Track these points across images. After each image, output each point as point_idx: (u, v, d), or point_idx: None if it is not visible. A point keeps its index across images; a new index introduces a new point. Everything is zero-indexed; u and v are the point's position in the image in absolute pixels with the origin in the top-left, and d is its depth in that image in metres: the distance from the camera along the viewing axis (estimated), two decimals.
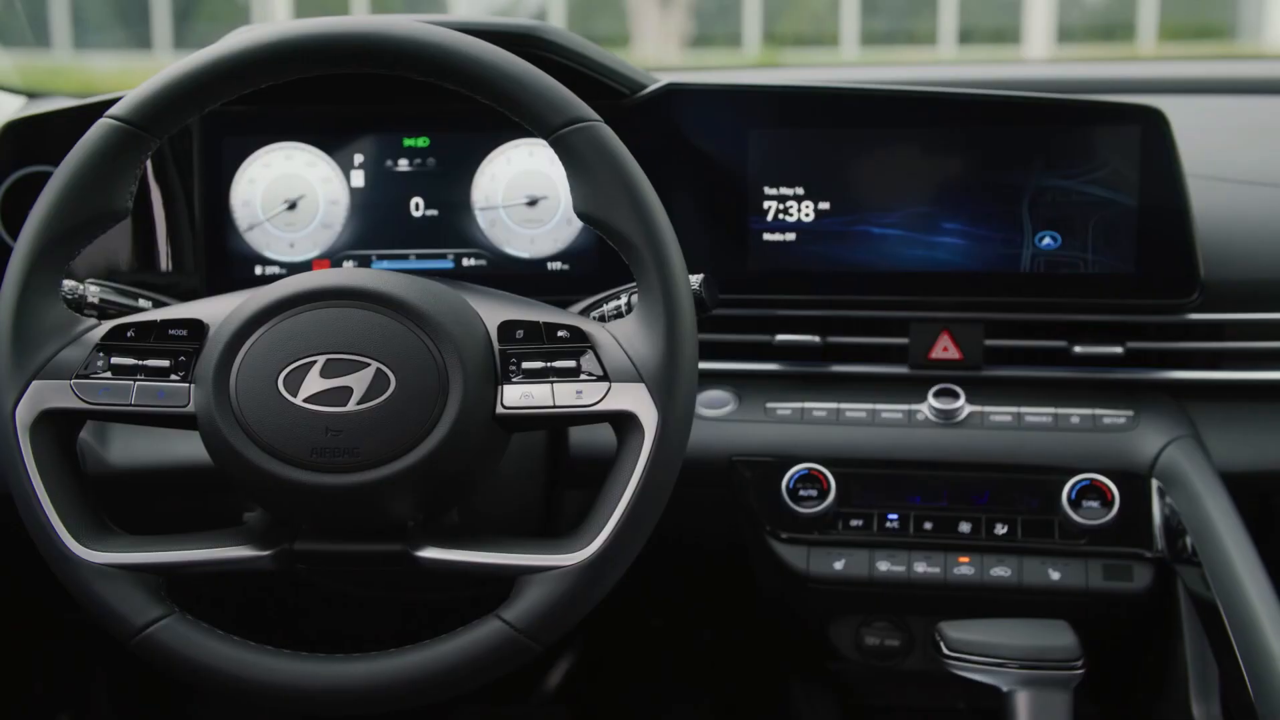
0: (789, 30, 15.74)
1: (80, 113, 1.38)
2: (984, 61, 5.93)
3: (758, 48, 14.95)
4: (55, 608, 1.68)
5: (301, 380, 0.94)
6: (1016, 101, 1.32)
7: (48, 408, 0.97)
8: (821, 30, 15.62)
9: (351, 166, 1.39)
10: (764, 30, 15.27)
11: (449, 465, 0.95)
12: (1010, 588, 1.28)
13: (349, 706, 0.96)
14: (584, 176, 0.97)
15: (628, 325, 0.98)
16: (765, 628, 1.67)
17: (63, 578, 0.97)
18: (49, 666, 1.75)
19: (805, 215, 1.36)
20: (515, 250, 1.40)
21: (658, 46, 14.55)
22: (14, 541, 1.46)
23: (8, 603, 1.66)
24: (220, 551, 1.00)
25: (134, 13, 14.53)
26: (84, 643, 1.75)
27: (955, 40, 14.65)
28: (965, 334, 1.36)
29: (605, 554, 0.95)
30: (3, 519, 1.38)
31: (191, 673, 0.96)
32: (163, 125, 0.98)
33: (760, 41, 15.09)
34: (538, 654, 0.97)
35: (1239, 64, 2.46)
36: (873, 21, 15.28)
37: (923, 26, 15.11)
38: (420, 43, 0.96)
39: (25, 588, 1.63)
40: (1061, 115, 1.31)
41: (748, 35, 15.18)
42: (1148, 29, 14.23)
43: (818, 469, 1.31)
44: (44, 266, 0.98)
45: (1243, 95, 1.69)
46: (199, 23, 15.39)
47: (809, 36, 15.67)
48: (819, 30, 15.71)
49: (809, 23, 16.11)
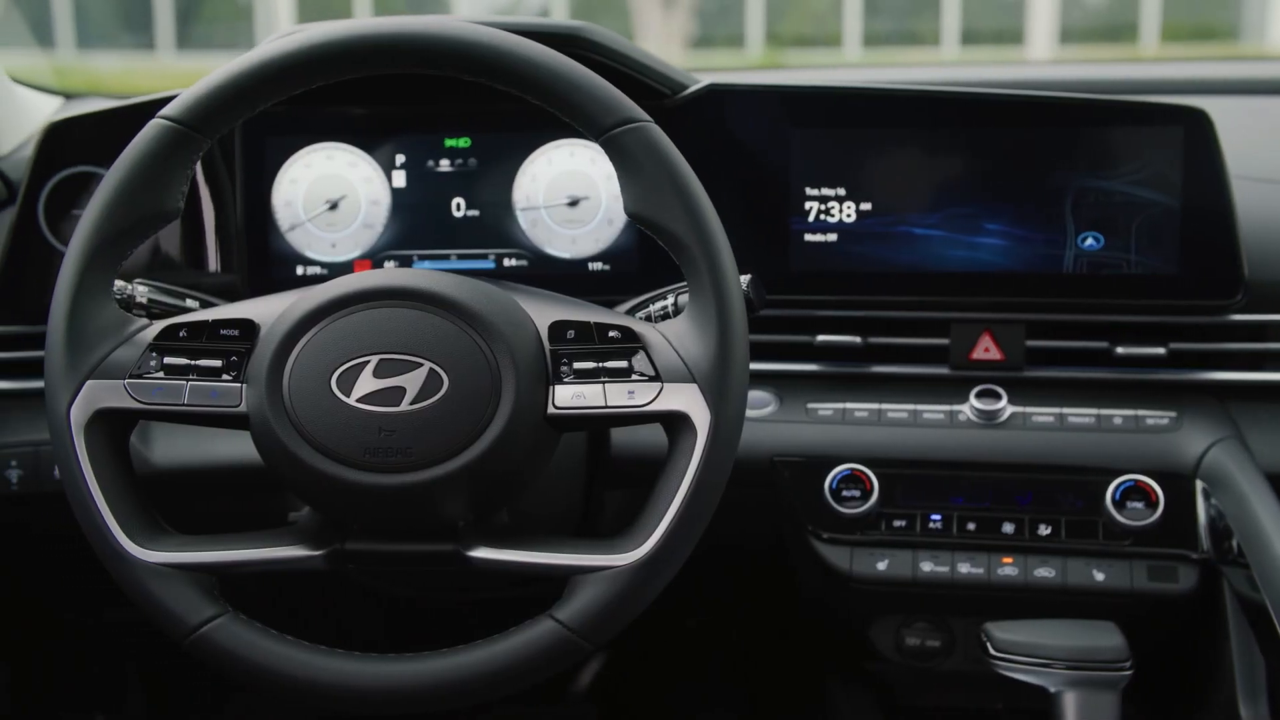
0: (791, 31, 15.74)
1: (121, 114, 1.38)
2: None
3: (760, 48, 14.94)
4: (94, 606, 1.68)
5: (354, 380, 0.94)
6: (1059, 103, 1.32)
7: (102, 407, 0.97)
8: (823, 31, 15.62)
9: (393, 166, 1.39)
10: (766, 31, 15.26)
11: (501, 465, 0.95)
12: (1054, 589, 1.28)
13: (402, 706, 0.96)
14: (635, 177, 0.97)
15: (679, 325, 0.98)
16: (802, 628, 1.67)
17: (117, 577, 0.97)
18: (84, 666, 1.75)
19: (847, 216, 1.36)
20: (556, 250, 1.40)
21: (660, 47, 14.56)
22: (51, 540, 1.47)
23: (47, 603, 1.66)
24: (273, 551, 1.00)
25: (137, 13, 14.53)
26: (118, 642, 1.75)
27: (958, 41, 14.65)
28: (1007, 335, 1.36)
29: (658, 554, 0.95)
30: (47, 517, 1.38)
31: (245, 672, 0.96)
32: (214, 126, 0.98)
33: (762, 42, 15.09)
34: (590, 654, 0.97)
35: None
36: (875, 22, 15.28)
37: (925, 27, 15.11)
38: (472, 43, 0.96)
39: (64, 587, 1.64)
40: (1105, 116, 1.31)
41: (750, 36, 15.18)
42: (1150, 30, 14.23)
43: (860, 469, 1.31)
44: (97, 267, 0.98)
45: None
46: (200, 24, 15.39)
47: (811, 37, 15.67)
48: (821, 31, 15.70)
49: (810, 23, 16.11)
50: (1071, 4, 15.13)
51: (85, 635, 1.73)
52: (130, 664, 1.78)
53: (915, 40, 15.26)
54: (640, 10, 15.23)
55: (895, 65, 4.04)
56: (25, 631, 1.65)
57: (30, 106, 1.59)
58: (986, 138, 1.33)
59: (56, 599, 1.66)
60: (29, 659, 1.60)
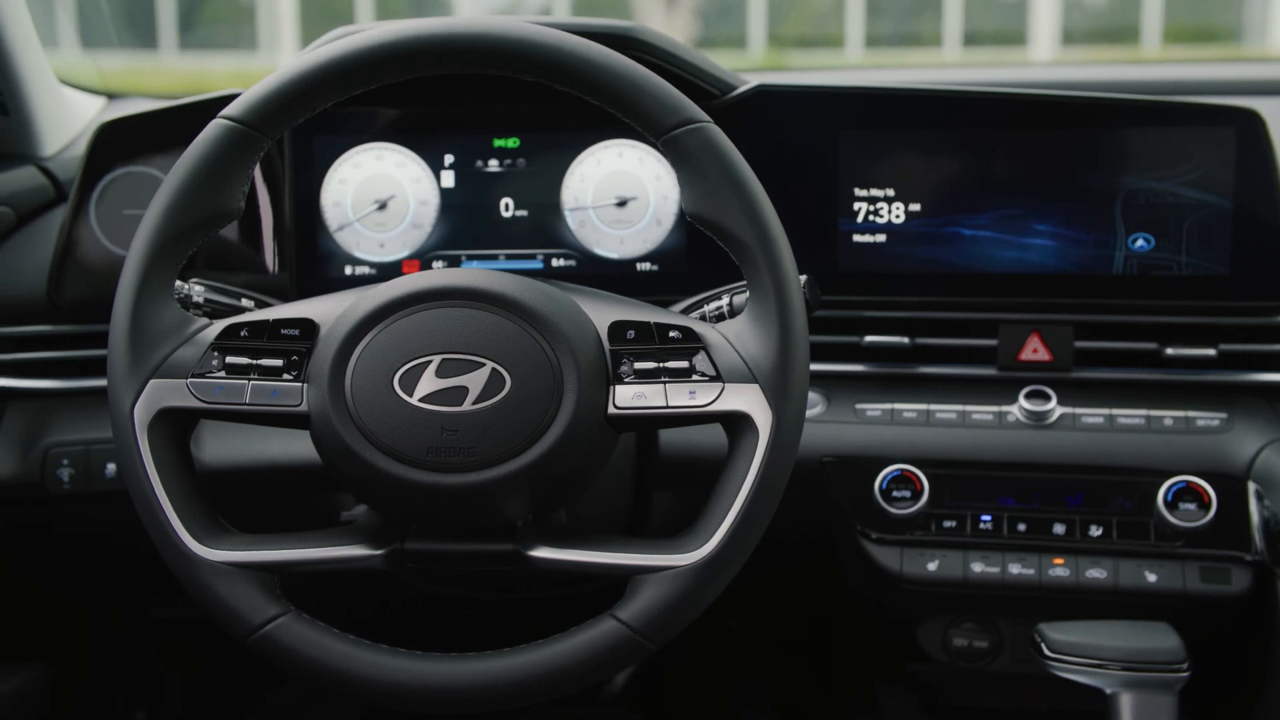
0: (792, 32, 15.74)
1: (171, 114, 1.38)
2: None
3: (761, 49, 14.95)
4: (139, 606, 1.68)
5: (417, 380, 0.94)
6: (1111, 103, 1.32)
7: (165, 406, 0.97)
8: (825, 32, 15.62)
9: (442, 167, 1.39)
10: (768, 32, 15.27)
11: (562, 465, 0.95)
12: (1106, 590, 1.28)
13: (464, 705, 0.96)
14: (695, 177, 0.97)
15: (739, 326, 0.98)
16: (846, 628, 1.67)
17: (180, 576, 0.97)
18: (125, 665, 1.75)
19: (896, 217, 1.37)
20: (604, 251, 1.40)
21: None
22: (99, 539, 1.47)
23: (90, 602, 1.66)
24: (334, 550, 1.00)
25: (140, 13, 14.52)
26: (159, 642, 1.75)
27: (959, 43, 14.66)
28: (1055, 336, 1.36)
29: (720, 554, 0.95)
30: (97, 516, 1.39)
31: (308, 670, 0.96)
32: (275, 126, 0.98)
33: (764, 43, 15.09)
34: (651, 654, 0.97)
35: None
36: (877, 24, 15.28)
37: (927, 29, 15.12)
38: (535, 44, 0.96)
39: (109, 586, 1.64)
40: (1156, 117, 1.31)
41: (752, 37, 15.18)
42: (1152, 31, 14.24)
43: (910, 470, 1.31)
44: (159, 267, 0.98)
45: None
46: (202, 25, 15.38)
47: (812, 38, 15.67)
48: (822, 32, 15.71)
49: (812, 25, 16.11)
50: (1073, 6, 15.14)
51: (127, 635, 1.73)
52: (170, 664, 1.78)
53: (917, 42, 15.26)
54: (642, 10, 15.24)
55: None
56: (68, 631, 1.66)
57: (76, 107, 1.59)
58: (1037, 139, 1.33)
59: (102, 598, 1.66)
60: (71, 658, 1.60)
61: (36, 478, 1.33)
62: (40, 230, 1.44)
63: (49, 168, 1.49)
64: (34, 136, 1.50)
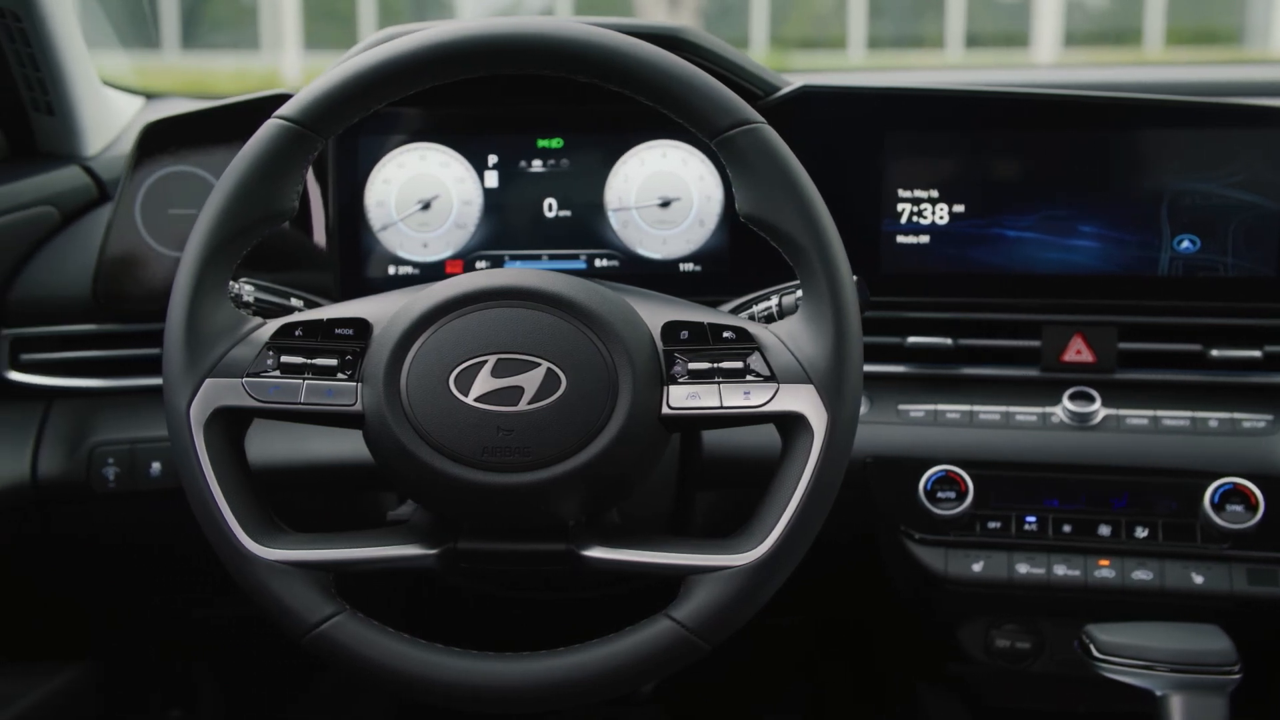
0: (794, 33, 15.74)
1: (215, 115, 1.38)
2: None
3: (764, 50, 14.94)
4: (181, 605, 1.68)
5: (472, 380, 0.94)
6: (1157, 105, 1.32)
7: (221, 406, 0.97)
8: (826, 33, 15.62)
9: (485, 167, 1.39)
10: (770, 33, 15.26)
11: (616, 466, 0.95)
12: (1153, 591, 1.28)
13: (520, 705, 0.96)
14: (749, 178, 0.97)
15: (792, 326, 0.98)
16: (885, 628, 1.67)
17: (236, 574, 0.97)
18: (161, 664, 1.75)
19: (940, 218, 1.37)
20: (647, 251, 1.40)
21: None
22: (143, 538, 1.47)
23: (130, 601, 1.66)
24: (389, 550, 1.00)
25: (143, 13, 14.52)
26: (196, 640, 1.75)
27: (962, 44, 14.65)
28: (1099, 337, 1.36)
29: (775, 554, 0.95)
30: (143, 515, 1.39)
31: (363, 669, 0.96)
32: (330, 126, 0.98)
33: (766, 44, 15.09)
34: (706, 654, 0.97)
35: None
36: (879, 25, 15.28)
37: (930, 30, 15.11)
38: (589, 44, 0.96)
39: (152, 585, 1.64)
40: (1204, 118, 1.31)
41: (754, 38, 15.18)
42: (1154, 33, 14.25)
43: (955, 471, 1.31)
44: (214, 266, 0.98)
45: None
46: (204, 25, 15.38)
47: (814, 39, 15.67)
48: (824, 33, 15.70)
49: (813, 26, 16.11)
50: (1074, 7, 15.14)
51: (163, 634, 1.73)
52: (207, 662, 1.78)
53: (919, 43, 15.26)
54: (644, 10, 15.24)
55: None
56: (109, 630, 1.66)
57: (116, 107, 1.60)
58: (1082, 140, 1.33)
59: (143, 597, 1.66)
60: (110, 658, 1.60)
61: (82, 476, 1.33)
62: (84, 230, 1.44)
63: (92, 167, 1.49)
64: (77, 137, 1.50)
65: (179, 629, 1.73)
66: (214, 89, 1.48)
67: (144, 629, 1.70)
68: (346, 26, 14.93)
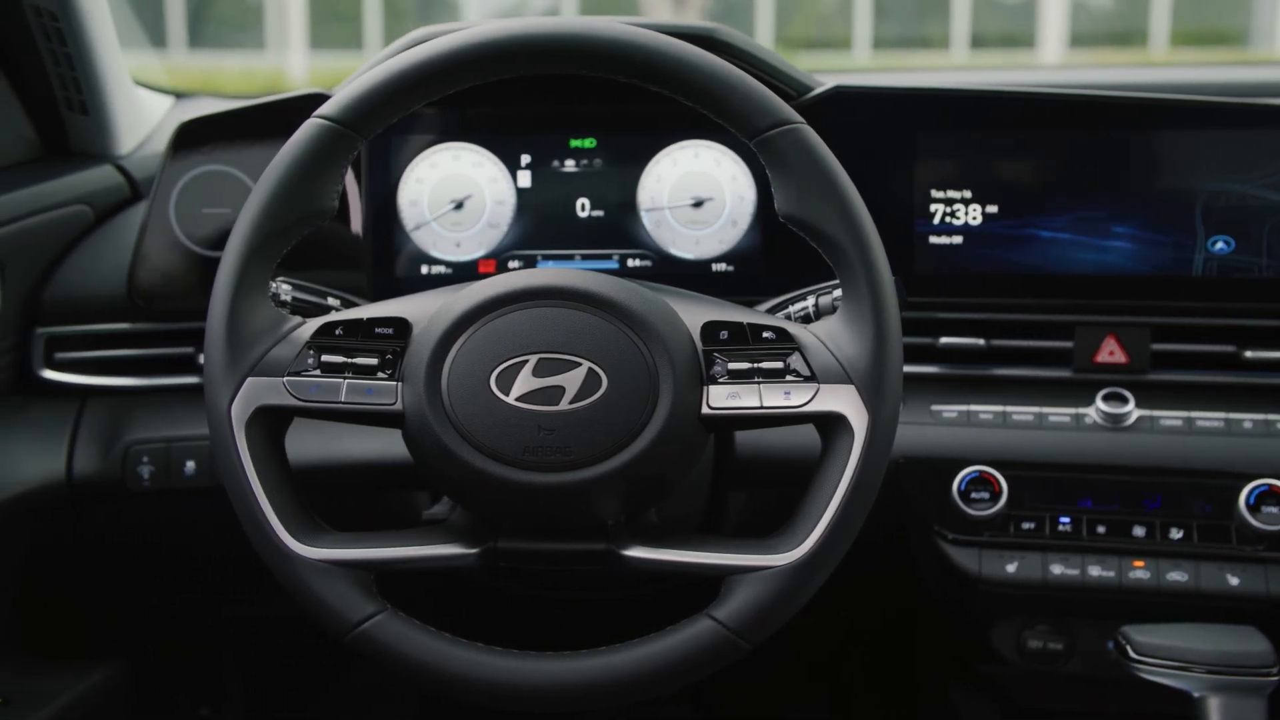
0: (799, 34, 15.74)
1: (251, 114, 1.38)
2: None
3: None
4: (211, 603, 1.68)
5: (513, 379, 0.94)
6: (1191, 106, 1.32)
7: (262, 405, 0.97)
8: (830, 34, 15.62)
9: (518, 167, 1.39)
10: (775, 34, 15.27)
11: (656, 466, 0.95)
12: (1188, 593, 1.28)
13: (561, 704, 0.96)
14: (788, 178, 0.97)
15: (832, 326, 0.98)
16: (915, 629, 1.67)
17: (278, 573, 0.97)
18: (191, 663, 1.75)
19: (973, 218, 1.36)
20: (680, 251, 1.40)
21: None
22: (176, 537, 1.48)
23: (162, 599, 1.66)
24: (429, 549, 1.00)
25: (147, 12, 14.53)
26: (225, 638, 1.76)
27: (967, 45, 14.65)
28: (1132, 338, 1.36)
29: (816, 554, 0.95)
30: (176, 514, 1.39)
31: (404, 668, 0.96)
32: (370, 125, 0.98)
33: (771, 45, 15.07)
34: (747, 654, 0.97)
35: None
36: (883, 26, 15.28)
37: (935, 31, 15.11)
38: (629, 44, 0.96)
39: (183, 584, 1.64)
40: (1240, 119, 1.31)
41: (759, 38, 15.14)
42: (1159, 34, 14.24)
43: (989, 471, 1.31)
44: (255, 266, 0.98)
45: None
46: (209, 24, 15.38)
47: (819, 40, 15.67)
48: (828, 34, 15.71)
49: (818, 26, 16.11)
50: (1078, 8, 15.13)
51: (192, 632, 1.73)
52: (235, 662, 1.78)
53: (924, 44, 15.25)
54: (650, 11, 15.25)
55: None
56: (141, 628, 1.66)
57: (147, 106, 1.60)
58: (1117, 141, 1.33)
59: (175, 596, 1.66)
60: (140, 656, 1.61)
61: (118, 475, 1.33)
62: (117, 229, 1.44)
63: (125, 166, 1.49)
64: (111, 136, 1.50)
65: (209, 628, 1.73)
66: (219, 88, 1.49)
67: (174, 627, 1.71)
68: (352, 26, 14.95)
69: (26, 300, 1.35)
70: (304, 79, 13.49)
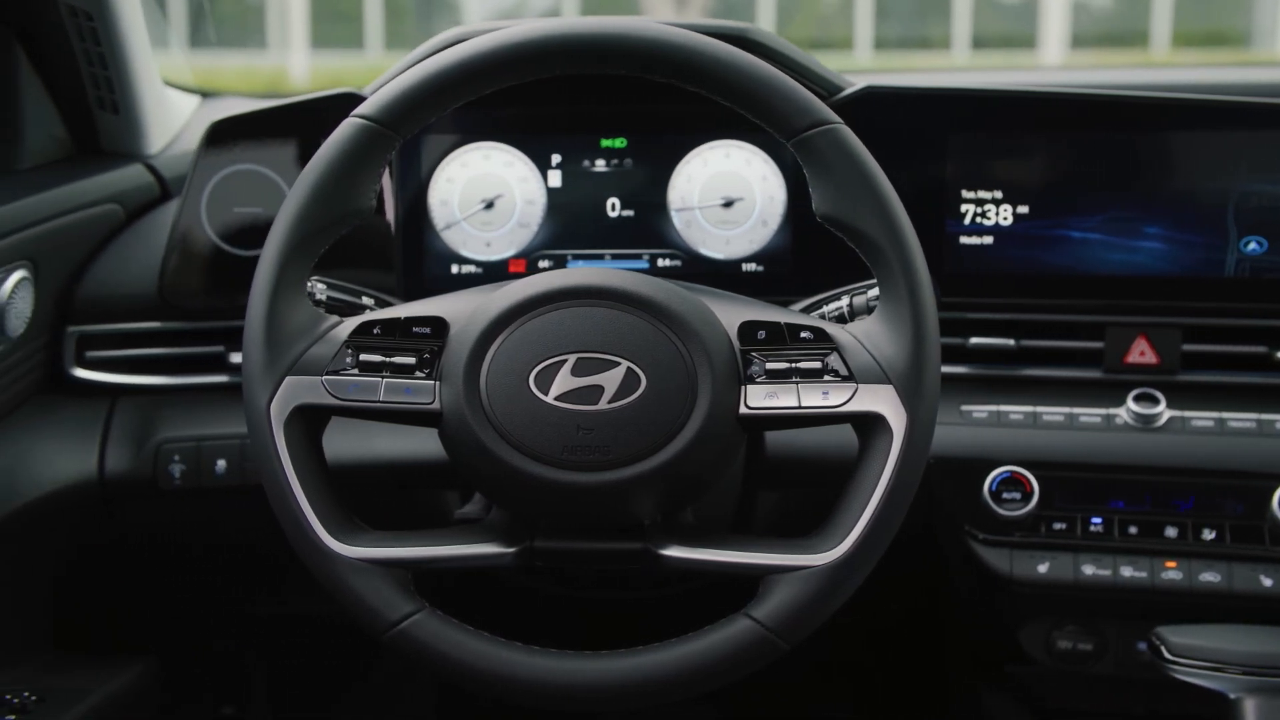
0: (800, 35, 15.73)
1: (280, 113, 1.38)
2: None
3: None
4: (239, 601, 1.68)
5: (552, 379, 0.94)
6: (1223, 106, 1.32)
7: (300, 404, 0.97)
8: (832, 35, 15.62)
9: (549, 166, 1.39)
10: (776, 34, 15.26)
11: (694, 465, 0.95)
12: (1220, 594, 1.28)
13: (600, 703, 0.96)
14: (827, 178, 0.97)
15: (870, 326, 0.98)
16: (943, 628, 1.67)
17: (316, 572, 0.97)
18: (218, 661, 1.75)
19: (1004, 219, 1.36)
20: (710, 251, 1.40)
21: None
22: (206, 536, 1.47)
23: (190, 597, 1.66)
24: (467, 548, 1.00)
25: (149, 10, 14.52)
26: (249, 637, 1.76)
27: (968, 46, 14.65)
28: (1163, 339, 1.36)
29: (855, 554, 0.95)
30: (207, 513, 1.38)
31: (443, 666, 0.96)
32: (408, 125, 0.98)
33: None
34: (785, 654, 0.97)
35: None
36: (884, 26, 15.28)
37: (936, 32, 15.11)
38: (667, 44, 0.96)
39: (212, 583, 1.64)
40: (1269, 119, 1.31)
41: None
42: (1161, 35, 14.25)
43: (1020, 472, 1.31)
44: (293, 265, 0.98)
45: None
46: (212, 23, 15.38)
47: (820, 41, 15.66)
48: (829, 35, 15.70)
49: (819, 27, 16.11)
50: (1079, 9, 15.14)
51: (223, 630, 1.73)
52: (261, 660, 1.78)
53: (925, 45, 15.26)
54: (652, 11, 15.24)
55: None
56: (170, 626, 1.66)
57: (175, 105, 1.60)
58: (1149, 141, 1.33)
59: (204, 594, 1.66)
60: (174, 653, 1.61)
61: (149, 473, 1.33)
62: (148, 228, 1.44)
63: (154, 165, 1.49)
64: (141, 135, 1.50)
65: (236, 626, 1.73)
66: (225, 87, 1.49)
67: (203, 626, 1.70)
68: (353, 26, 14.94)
69: (58, 299, 1.35)
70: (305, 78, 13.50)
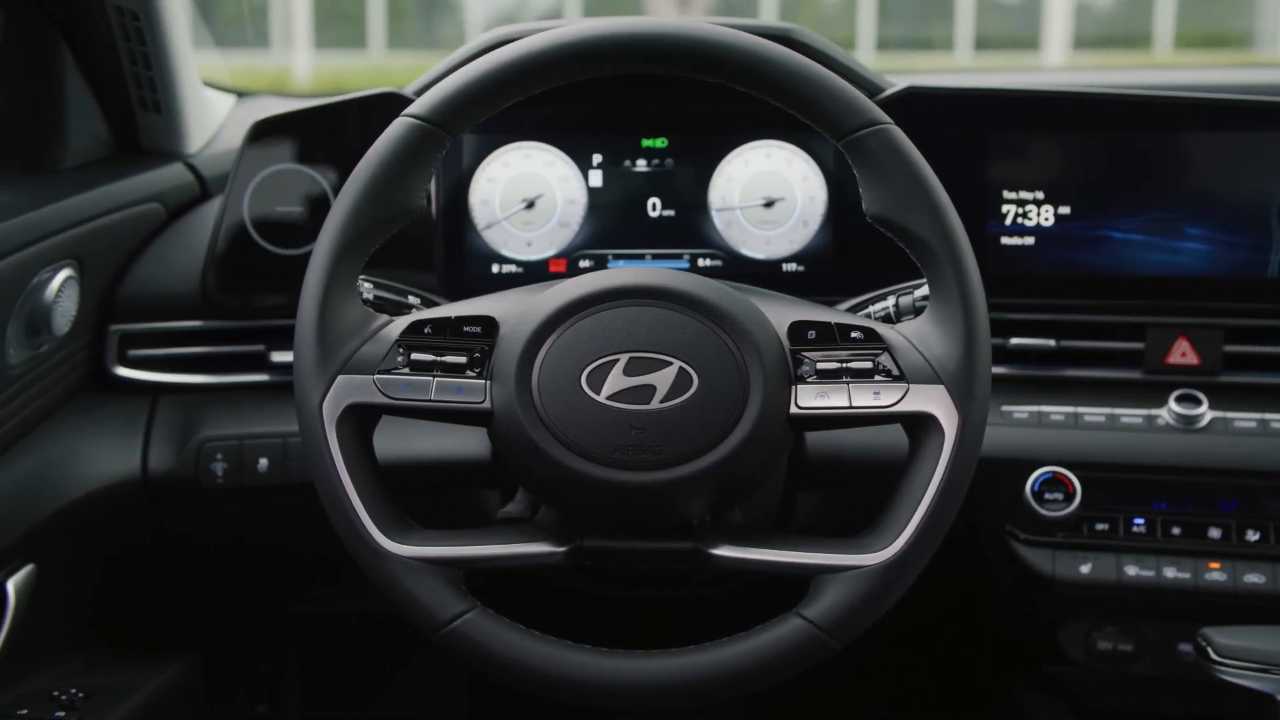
0: None
1: (318, 113, 1.38)
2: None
3: None
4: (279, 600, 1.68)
5: (604, 378, 0.94)
6: (1267, 106, 1.32)
7: (352, 403, 0.97)
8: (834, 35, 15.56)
9: (589, 166, 1.39)
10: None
11: (745, 465, 0.95)
12: (1265, 595, 1.28)
13: (653, 702, 0.96)
14: (877, 178, 0.97)
15: (920, 326, 0.98)
16: (983, 628, 1.67)
17: (368, 570, 0.97)
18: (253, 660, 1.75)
19: (1045, 219, 1.36)
20: (751, 251, 1.40)
21: None
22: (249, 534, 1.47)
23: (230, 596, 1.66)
24: (518, 547, 1.00)
25: None
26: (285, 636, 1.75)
27: (971, 47, 14.65)
28: (1204, 339, 1.36)
29: (906, 554, 0.95)
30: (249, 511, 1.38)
31: (495, 665, 0.96)
32: (459, 124, 0.98)
33: None
34: (836, 654, 0.97)
35: None
36: (887, 27, 15.28)
37: (938, 33, 15.11)
38: (717, 44, 0.95)
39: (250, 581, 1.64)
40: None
41: None
42: (1164, 37, 14.25)
43: (1063, 472, 1.31)
44: (345, 264, 0.98)
45: None
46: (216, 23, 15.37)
47: None
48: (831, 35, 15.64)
49: (820, 27, 16.07)
50: (1081, 10, 15.13)
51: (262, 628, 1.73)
52: (295, 657, 1.78)
53: (928, 46, 15.25)
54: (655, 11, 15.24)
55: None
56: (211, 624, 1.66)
57: (213, 105, 1.60)
58: (1191, 141, 1.33)
59: (245, 592, 1.66)
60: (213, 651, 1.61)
61: (191, 472, 1.33)
62: (189, 227, 1.44)
63: (194, 164, 1.49)
64: (181, 134, 1.50)
65: (276, 624, 1.73)
66: (259, 87, 1.49)
67: (244, 624, 1.70)
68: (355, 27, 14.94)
69: (101, 298, 1.35)
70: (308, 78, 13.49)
